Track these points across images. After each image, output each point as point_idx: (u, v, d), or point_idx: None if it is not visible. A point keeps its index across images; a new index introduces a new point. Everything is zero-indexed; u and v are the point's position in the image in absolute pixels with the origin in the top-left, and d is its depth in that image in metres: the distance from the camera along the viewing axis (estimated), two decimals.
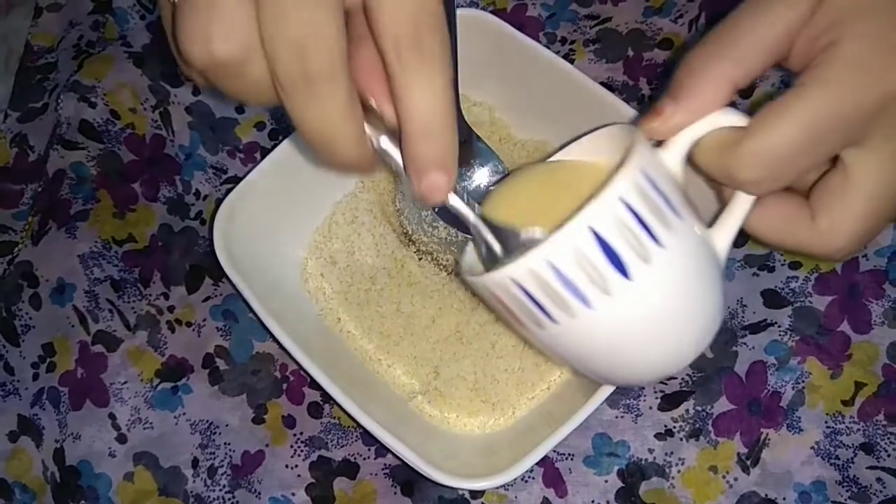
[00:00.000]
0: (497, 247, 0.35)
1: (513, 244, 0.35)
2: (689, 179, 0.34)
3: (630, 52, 0.53)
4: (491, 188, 0.43)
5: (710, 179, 0.34)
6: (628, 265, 0.30)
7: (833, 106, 0.30)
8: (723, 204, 0.35)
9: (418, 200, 0.31)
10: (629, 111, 0.44)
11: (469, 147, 0.44)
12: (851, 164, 0.32)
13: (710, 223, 0.35)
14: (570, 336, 0.32)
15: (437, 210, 0.46)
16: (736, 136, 0.31)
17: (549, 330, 0.32)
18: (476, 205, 0.35)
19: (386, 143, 0.29)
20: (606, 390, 0.39)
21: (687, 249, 0.32)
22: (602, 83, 0.46)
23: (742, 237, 0.47)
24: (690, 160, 0.34)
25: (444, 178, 0.29)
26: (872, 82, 0.30)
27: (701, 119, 0.32)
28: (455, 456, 0.42)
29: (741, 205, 0.34)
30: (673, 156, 0.33)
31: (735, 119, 0.32)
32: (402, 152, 0.29)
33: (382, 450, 0.46)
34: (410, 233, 0.47)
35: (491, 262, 0.35)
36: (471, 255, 0.38)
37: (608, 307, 0.31)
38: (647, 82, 0.52)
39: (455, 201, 0.33)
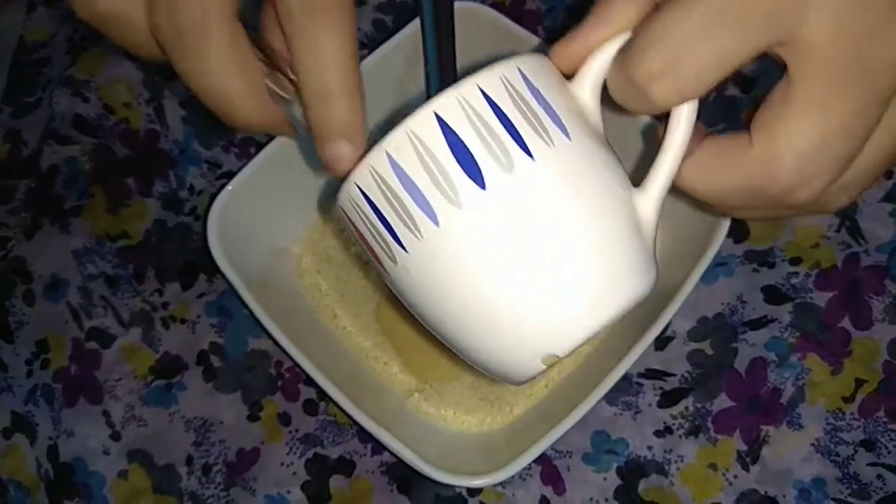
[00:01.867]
0: None
1: None
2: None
3: None
4: None
5: (623, 109, 0.29)
6: (484, 170, 0.26)
7: None
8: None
9: (327, 172, 0.30)
10: None
11: None
12: (790, 64, 0.26)
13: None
14: (419, 272, 0.27)
15: None
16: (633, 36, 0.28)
17: (401, 264, 0.27)
18: None
19: (298, 109, 0.29)
20: (605, 388, 0.39)
21: (574, 171, 0.27)
22: None
23: (741, 232, 0.47)
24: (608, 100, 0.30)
25: (348, 148, 0.28)
26: None
27: (610, 42, 0.29)
28: (452, 454, 0.42)
29: (669, 154, 0.29)
30: (581, 85, 0.29)
31: None
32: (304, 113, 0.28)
33: (379, 447, 0.45)
34: None
35: None
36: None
37: (456, 226, 0.26)
38: None
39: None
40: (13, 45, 0.58)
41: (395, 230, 0.27)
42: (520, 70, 0.28)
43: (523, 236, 0.27)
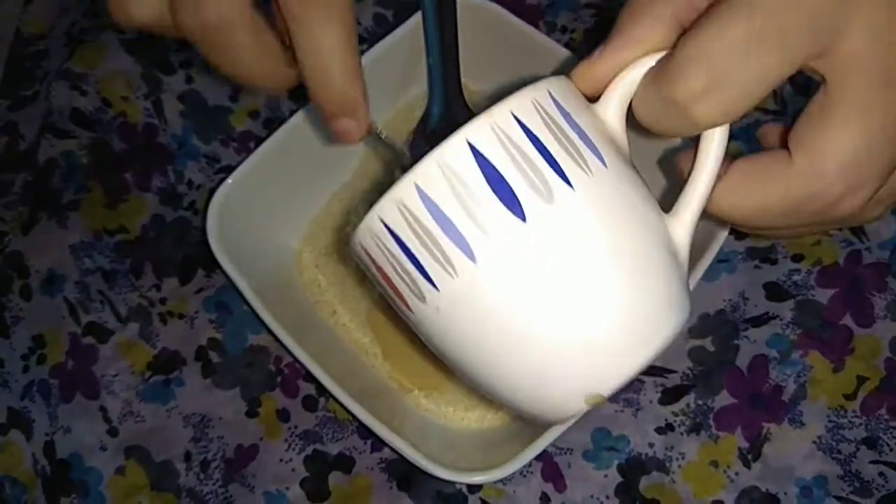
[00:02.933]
0: None
1: None
2: None
3: None
4: None
5: (651, 132, 0.29)
6: (523, 201, 0.24)
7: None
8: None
9: (334, 141, 0.32)
10: None
11: None
12: (827, 75, 0.26)
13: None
14: (452, 310, 0.25)
15: None
16: (668, 56, 0.27)
17: (431, 303, 0.25)
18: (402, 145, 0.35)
19: None
20: None
21: (612, 199, 0.26)
22: None
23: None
24: (633, 122, 0.29)
25: (353, 124, 0.30)
26: None
27: (637, 63, 0.28)
28: (453, 450, 0.42)
29: (701, 177, 0.28)
30: (606, 108, 0.28)
31: None
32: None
33: (378, 444, 0.45)
34: None
35: None
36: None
37: (494, 260, 0.24)
38: None
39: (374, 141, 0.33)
40: (10, 37, 0.57)
41: (425, 267, 0.25)
42: (550, 94, 0.26)
43: (565, 269, 0.25)
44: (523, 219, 0.24)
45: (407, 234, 0.25)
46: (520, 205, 0.24)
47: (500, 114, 0.25)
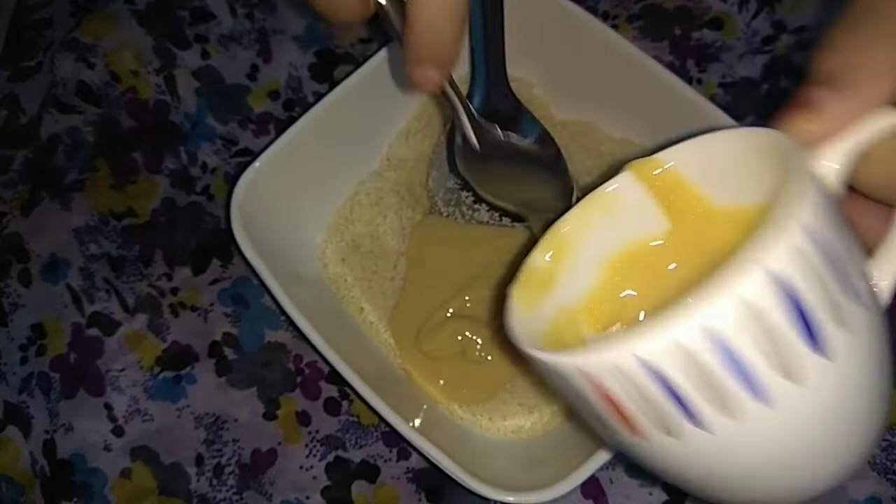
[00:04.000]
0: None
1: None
2: None
3: (677, 31, 0.50)
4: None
5: (887, 203, 0.26)
6: (829, 338, 0.22)
7: None
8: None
9: (407, 83, 0.31)
10: (696, 97, 0.40)
11: (518, 125, 0.40)
12: None
13: None
14: (720, 449, 0.23)
15: (478, 192, 0.42)
16: None
17: (685, 437, 0.23)
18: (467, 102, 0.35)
19: (389, 5, 0.30)
20: None
21: (883, 336, 0.24)
22: None
23: None
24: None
25: (437, 73, 0.30)
26: None
27: (866, 118, 0.24)
28: (489, 463, 0.39)
29: None
30: (831, 170, 0.25)
31: None
32: (404, 33, 0.29)
33: (405, 452, 0.42)
34: (445, 215, 0.43)
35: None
36: (520, 317, 0.28)
37: (795, 403, 0.22)
38: (695, 64, 0.49)
39: (447, 90, 0.34)
40: (11, 4, 0.53)
41: (690, 405, 0.22)
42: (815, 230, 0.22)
43: (839, 422, 0.24)
44: (830, 358, 0.22)
45: (674, 374, 0.22)
46: (826, 342, 0.22)
47: (797, 230, 0.22)
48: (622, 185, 0.29)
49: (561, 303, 0.29)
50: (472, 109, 0.36)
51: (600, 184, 0.30)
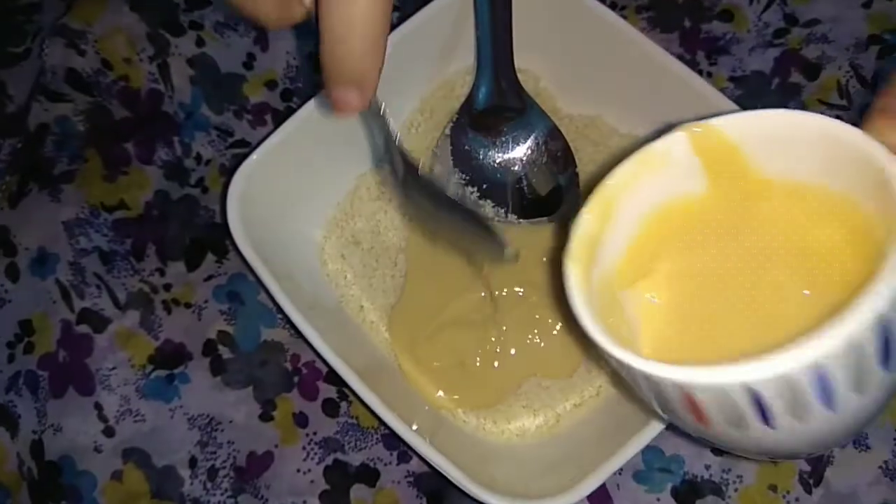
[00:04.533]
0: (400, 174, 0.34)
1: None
2: None
3: (687, 23, 0.48)
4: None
5: None
6: None
7: None
8: None
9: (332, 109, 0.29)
10: (709, 90, 0.39)
11: (525, 118, 0.39)
12: None
13: None
14: (776, 437, 0.25)
15: (482, 188, 0.41)
16: None
17: (753, 432, 0.25)
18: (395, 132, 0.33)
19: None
20: None
21: None
22: None
23: None
24: None
25: (356, 97, 0.28)
26: None
27: None
28: (494, 468, 0.38)
29: None
30: None
31: None
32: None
33: (406, 455, 0.41)
34: None
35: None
36: (583, 295, 0.28)
37: (847, 413, 0.25)
38: (705, 56, 0.47)
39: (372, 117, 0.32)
40: None
41: (772, 418, 0.24)
42: None
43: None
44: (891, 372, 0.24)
45: (771, 398, 0.24)
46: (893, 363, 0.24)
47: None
48: (673, 144, 0.29)
49: (604, 259, 0.30)
50: (400, 143, 0.35)
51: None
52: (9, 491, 0.41)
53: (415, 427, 0.36)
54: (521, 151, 0.41)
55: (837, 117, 0.26)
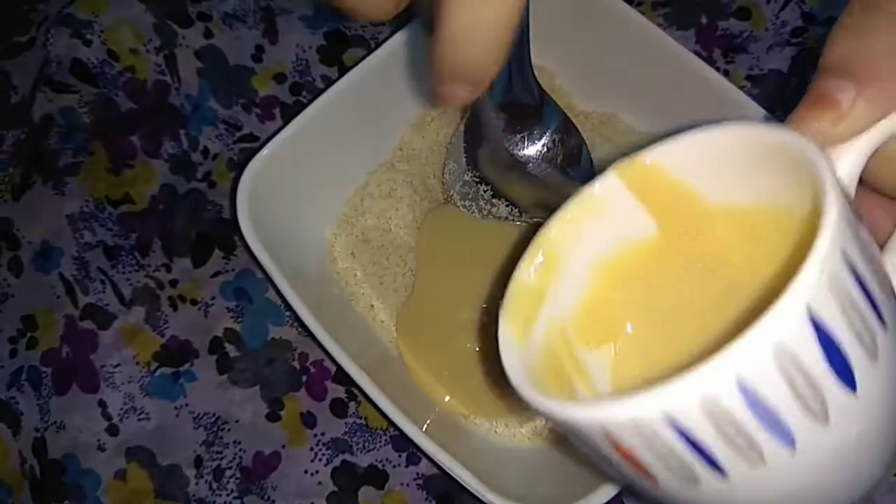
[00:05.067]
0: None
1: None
2: None
3: (704, 20, 0.47)
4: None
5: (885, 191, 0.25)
6: (855, 369, 0.20)
7: None
8: None
9: (432, 98, 0.27)
10: (729, 87, 0.38)
11: (540, 115, 0.38)
12: None
13: None
14: (733, 494, 0.22)
15: (496, 185, 0.40)
16: None
17: (706, 487, 0.22)
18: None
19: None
20: None
21: (890, 373, 0.22)
22: None
23: None
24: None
25: (468, 93, 0.26)
26: None
27: (886, 116, 0.23)
28: (505, 472, 0.37)
29: None
30: (846, 171, 0.23)
31: None
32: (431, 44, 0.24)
33: (415, 457, 0.40)
34: (461, 209, 0.41)
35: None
36: (517, 367, 0.25)
37: (818, 446, 0.21)
38: (721, 54, 0.47)
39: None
40: None
41: (715, 456, 0.21)
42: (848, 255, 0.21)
43: (861, 450, 0.22)
44: (854, 389, 0.20)
45: (701, 428, 0.20)
46: (852, 375, 0.20)
47: (830, 263, 0.20)
48: (609, 186, 0.27)
49: (553, 316, 0.27)
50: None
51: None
52: (10, 489, 0.40)
53: (425, 428, 0.36)
54: (535, 149, 0.40)
55: None
